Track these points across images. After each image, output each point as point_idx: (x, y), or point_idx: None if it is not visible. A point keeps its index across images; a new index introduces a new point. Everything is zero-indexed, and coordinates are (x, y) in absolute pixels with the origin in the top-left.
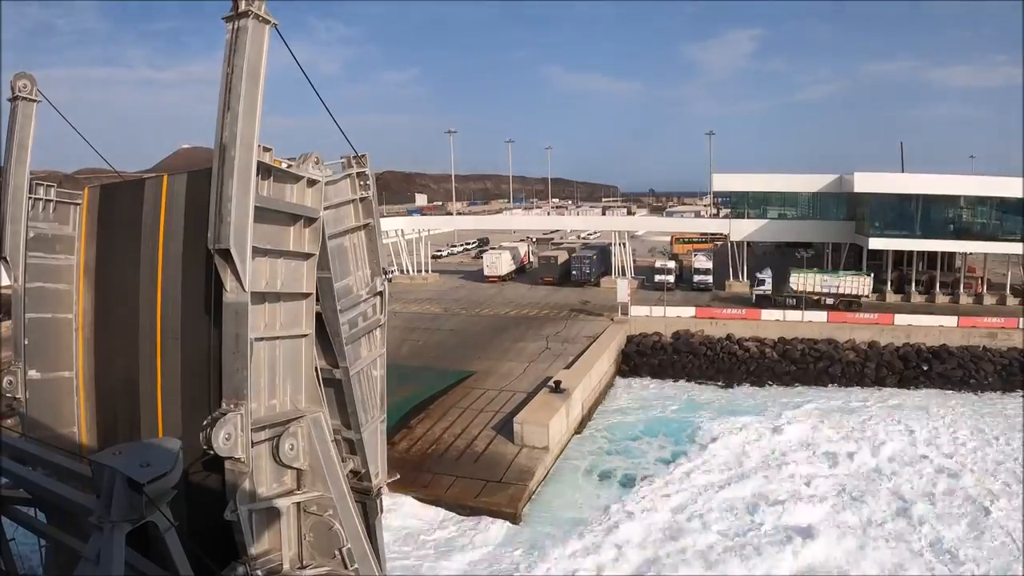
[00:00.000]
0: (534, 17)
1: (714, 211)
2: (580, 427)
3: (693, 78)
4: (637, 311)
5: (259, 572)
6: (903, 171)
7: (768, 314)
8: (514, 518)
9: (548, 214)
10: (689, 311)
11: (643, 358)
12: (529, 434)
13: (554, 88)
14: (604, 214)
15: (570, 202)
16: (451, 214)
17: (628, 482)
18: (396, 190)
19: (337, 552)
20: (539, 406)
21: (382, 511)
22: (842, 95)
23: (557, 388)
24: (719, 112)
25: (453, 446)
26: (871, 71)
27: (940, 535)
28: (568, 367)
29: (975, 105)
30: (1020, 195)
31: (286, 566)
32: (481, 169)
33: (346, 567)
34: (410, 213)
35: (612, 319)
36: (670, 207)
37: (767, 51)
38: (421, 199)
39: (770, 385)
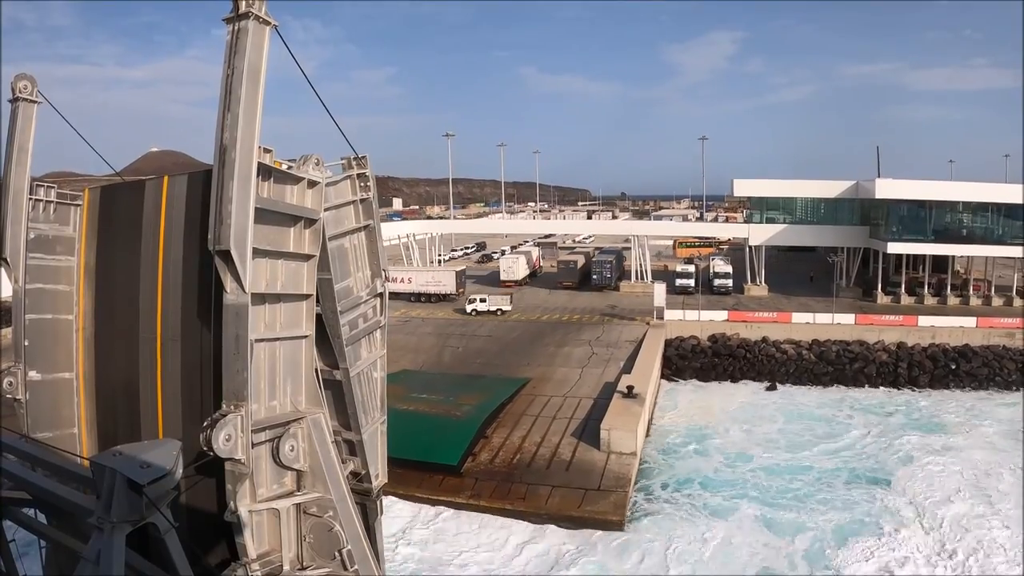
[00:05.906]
0: (513, 18)
1: (698, 215)
2: (648, 431)
3: (672, 80)
4: (670, 315)
5: (259, 573)
6: (879, 175)
7: (799, 316)
8: (620, 526)
9: (533, 217)
10: (722, 314)
11: (684, 361)
12: (617, 440)
13: (531, 90)
14: (589, 218)
15: (545, 205)
16: (430, 218)
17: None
18: None
19: (337, 554)
20: (620, 411)
21: (382, 513)
22: (821, 97)
23: (630, 393)
24: (696, 114)
25: (538, 455)
26: (851, 73)
27: None
28: (628, 372)
29: (952, 107)
30: None
31: (286, 567)
32: (454, 172)
33: (346, 569)
34: (390, 218)
35: (648, 323)
36: (655, 211)
37: (747, 53)
38: (396, 203)
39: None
